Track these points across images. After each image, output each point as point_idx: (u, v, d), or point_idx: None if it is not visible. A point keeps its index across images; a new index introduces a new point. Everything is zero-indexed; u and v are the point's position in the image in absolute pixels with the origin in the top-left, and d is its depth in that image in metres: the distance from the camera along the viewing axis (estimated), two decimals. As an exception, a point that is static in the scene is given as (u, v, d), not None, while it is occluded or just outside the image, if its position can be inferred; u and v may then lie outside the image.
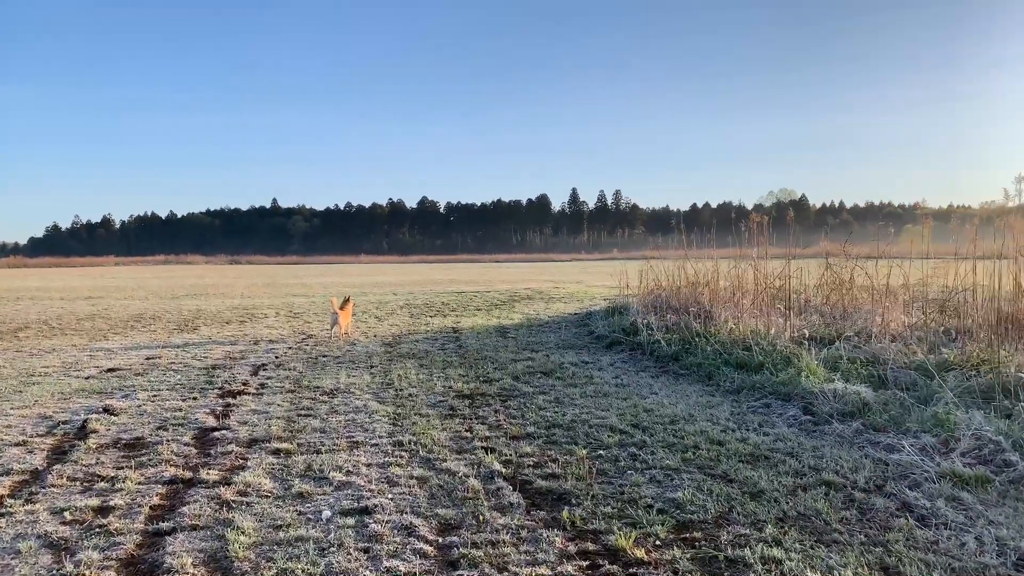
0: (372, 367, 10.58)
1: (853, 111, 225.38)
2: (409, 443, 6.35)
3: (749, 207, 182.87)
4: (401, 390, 8.75)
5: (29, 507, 4.86)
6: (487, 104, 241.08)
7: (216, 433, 6.77)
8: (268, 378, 9.70)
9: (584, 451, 6.03)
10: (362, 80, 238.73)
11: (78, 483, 5.36)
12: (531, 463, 5.76)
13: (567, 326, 15.71)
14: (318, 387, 8.98)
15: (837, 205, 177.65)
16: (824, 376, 7.89)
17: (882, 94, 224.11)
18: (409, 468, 5.64)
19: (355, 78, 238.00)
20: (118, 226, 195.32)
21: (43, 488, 5.24)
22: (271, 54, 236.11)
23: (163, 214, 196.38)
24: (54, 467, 5.74)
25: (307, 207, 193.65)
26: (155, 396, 8.51)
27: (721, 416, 7.12)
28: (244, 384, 9.24)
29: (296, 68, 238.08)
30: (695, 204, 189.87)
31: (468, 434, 6.66)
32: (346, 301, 14.79)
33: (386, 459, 5.91)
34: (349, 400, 8.21)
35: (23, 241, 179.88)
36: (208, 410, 7.75)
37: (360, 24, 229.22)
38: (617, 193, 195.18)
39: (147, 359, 11.57)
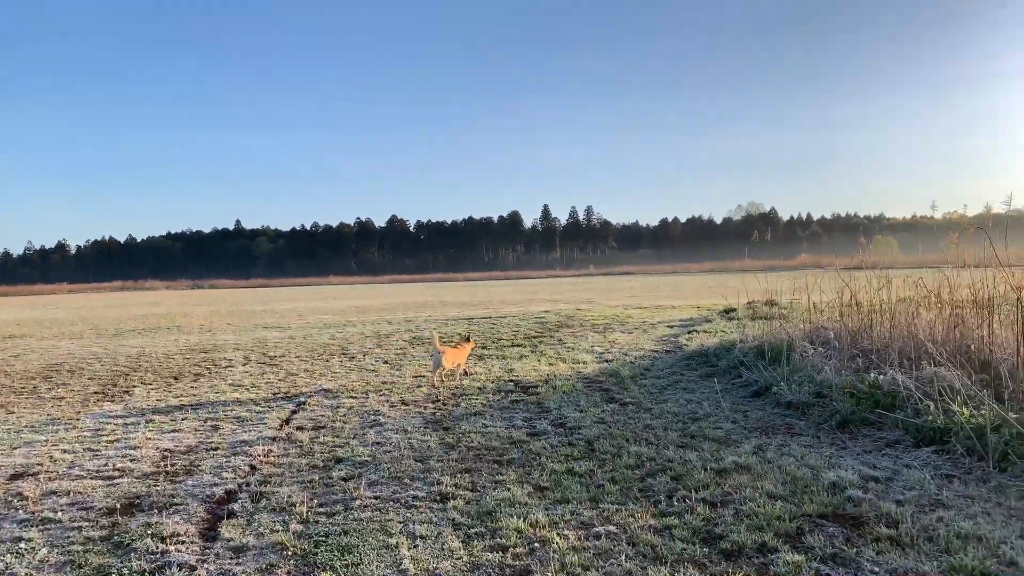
0: (444, 497, 5.38)
1: (819, 125, 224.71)
2: None
3: (718, 221, 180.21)
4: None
5: None
6: (456, 120, 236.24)
7: None
8: (237, 554, 4.44)
9: None
10: (326, 97, 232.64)
11: None
12: None
13: (687, 374, 10.56)
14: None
15: (805, 217, 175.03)
16: None
17: (847, 109, 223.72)
18: None
19: (318, 95, 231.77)
20: (73, 252, 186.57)
21: None
22: (233, 73, 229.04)
23: (122, 238, 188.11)
24: None
25: (272, 228, 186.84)
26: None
27: None
28: (183, 585, 3.99)
29: (257, 86, 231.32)
30: (664, 219, 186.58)
31: None
32: (465, 340, 11.51)
33: None
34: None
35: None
36: None
37: (327, 42, 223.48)
38: (588, 209, 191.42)
39: (11, 479, 6.25)
